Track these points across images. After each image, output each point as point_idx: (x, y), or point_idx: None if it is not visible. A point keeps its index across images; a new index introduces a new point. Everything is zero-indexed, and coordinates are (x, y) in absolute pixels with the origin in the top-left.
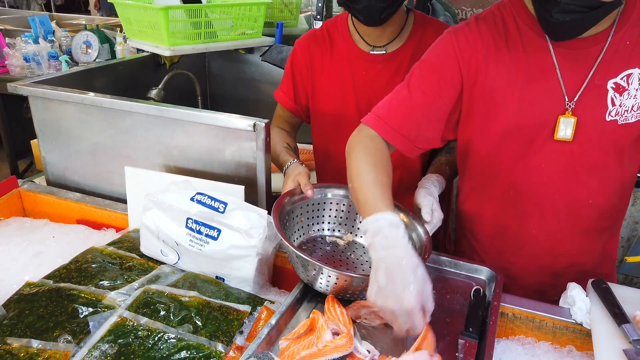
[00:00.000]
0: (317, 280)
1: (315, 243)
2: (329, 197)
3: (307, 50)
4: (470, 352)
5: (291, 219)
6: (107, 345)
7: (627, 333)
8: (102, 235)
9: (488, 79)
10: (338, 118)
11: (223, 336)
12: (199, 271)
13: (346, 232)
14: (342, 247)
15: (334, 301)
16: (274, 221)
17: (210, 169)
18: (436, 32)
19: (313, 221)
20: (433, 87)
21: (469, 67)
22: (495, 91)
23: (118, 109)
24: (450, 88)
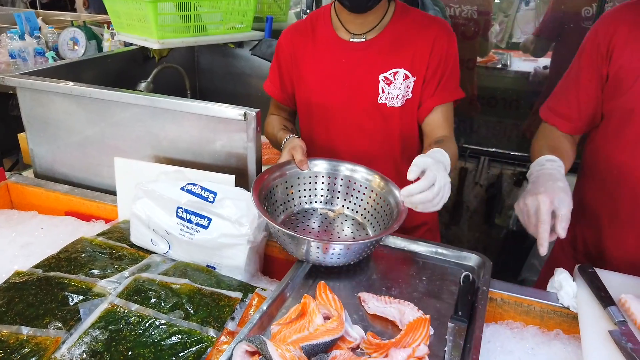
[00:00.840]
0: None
1: (305, 214)
2: (322, 170)
3: (291, 40)
4: (459, 336)
5: (279, 192)
6: (97, 331)
7: (613, 315)
8: (91, 227)
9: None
10: (321, 107)
11: (214, 322)
12: (190, 260)
13: (337, 205)
14: (331, 219)
15: (325, 287)
16: (253, 193)
17: (201, 159)
18: (415, 21)
19: (305, 194)
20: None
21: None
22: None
23: (107, 100)
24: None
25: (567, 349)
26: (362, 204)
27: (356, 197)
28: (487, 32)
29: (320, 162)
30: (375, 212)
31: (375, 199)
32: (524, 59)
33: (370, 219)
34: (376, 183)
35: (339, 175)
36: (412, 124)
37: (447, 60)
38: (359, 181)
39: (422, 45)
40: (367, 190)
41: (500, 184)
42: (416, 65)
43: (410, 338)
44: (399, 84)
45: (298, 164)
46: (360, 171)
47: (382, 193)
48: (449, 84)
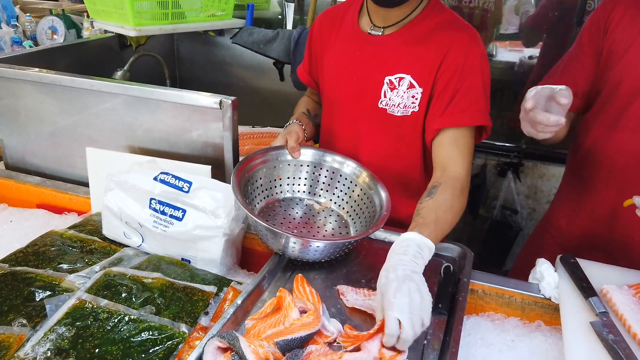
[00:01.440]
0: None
1: (290, 203)
2: (313, 159)
3: (320, 25)
4: (439, 328)
5: (264, 176)
6: (64, 328)
7: (594, 306)
8: (63, 220)
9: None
10: (329, 99)
11: (187, 317)
12: (164, 253)
13: (326, 199)
14: (316, 211)
15: (303, 280)
16: (234, 175)
17: (176, 149)
18: (441, 24)
19: (294, 182)
20: None
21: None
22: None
23: (78, 88)
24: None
25: (548, 341)
26: (349, 201)
27: (343, 192)
28: (471, 21)
29: (313, 151)
30: (360, 211)
31: (361, 196)
32: (510, 49)
33: (354, 216)
34: (363, 180)
35: (325, 166)
36: (413, 142)
37: (462, 75)
38: (345, 175)
39: (434, 53)
40: (352, 185)
41: (484, 174)
42: (424, 74)
43: None
44: (402, 91)
45: (289, 150)
46: (350, 165)
47: (370, 192)
48: (462, 104)
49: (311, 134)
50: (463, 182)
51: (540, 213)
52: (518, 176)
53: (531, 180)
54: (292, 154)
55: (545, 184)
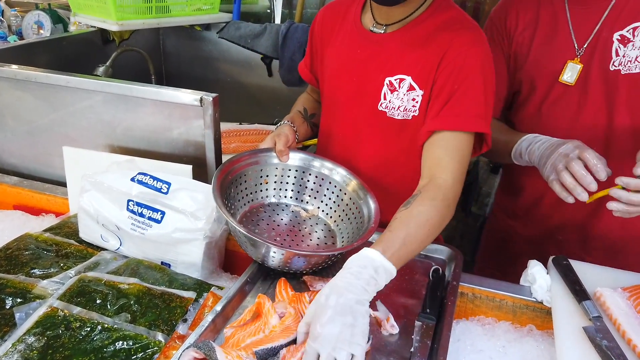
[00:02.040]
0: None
1: (276, 209)
2: (305, 166)
3: (322, 19)
4: (427, 335)
5: (250, 179)
6: (33, 338)
7: (587, 310)
8: (40, 222)
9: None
10: (334, 98)
11: (164, 325)
12: (143, 257)
13: (314, 206)
14: (303, 218)
15: (286, 284)
16: (215, 177)
17: (157, 148)
18: (446, 23)
19: (281, 187)
20: None
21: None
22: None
23: (55, 84)
24: None
25: (540, 347)
26: (337, 209)
27: (332, 199)
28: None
29: (302, 155)
30: (347, 220)
31: (349, 205)
32: None
33: (341, 226)
34: (352, 188)
35: (313, 172)
36: (413, 149)
37: (460, 76)
38: (335, 182)
39: (434, 53)
40: (341, 194)
41: (476, 171)
42: (423, 76)
43: None
44: (402, 93)
45: (277, 154)
46: (339, 173)
47: (359, 202)
48: (458, 107)
49: (304, 135)
50: (447, 191)
51: None
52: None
53: None
54: (280, 157)
55: None
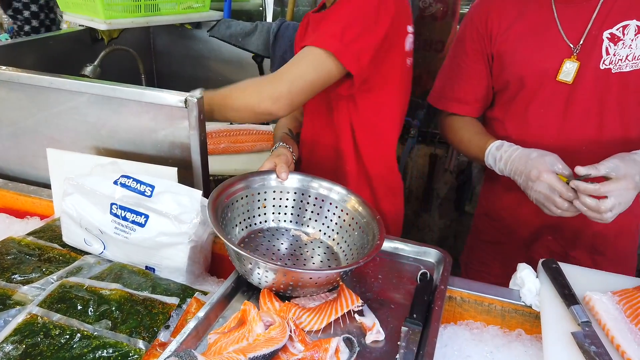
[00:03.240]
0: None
1: (275, 233)
2: (303, 187)
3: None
4: (413, 341)
5: (245, 203)
6: (11, 346)
7: (576, 315)
8: (24, 225)
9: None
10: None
11: (145, 332)
12: (128, 261)
13: (309, 226)
14: (304, 242)
15: (270, 296)
16: (209, 202)
17: (143, 150)
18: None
19: (280, 210)
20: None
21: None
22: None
23: (37, 85)
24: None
25: (529, 352)
26: (339, 231)
27: (333, 221)
28: (456, 13)
29: (298, 176)
30: (350, 239)
31: (351, 224)
32: None
33: (344, 246)
34: (352, 206)
35: (312, 193)
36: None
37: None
38: (335, 202)
39: None
40: (342, 214)
41: (470, 170)
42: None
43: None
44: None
45: (278, 172)
46: (338, 192)
47: (361, 221)
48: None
49: (298, 155)
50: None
51: None
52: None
53: None
54: (279, 175)
55: None
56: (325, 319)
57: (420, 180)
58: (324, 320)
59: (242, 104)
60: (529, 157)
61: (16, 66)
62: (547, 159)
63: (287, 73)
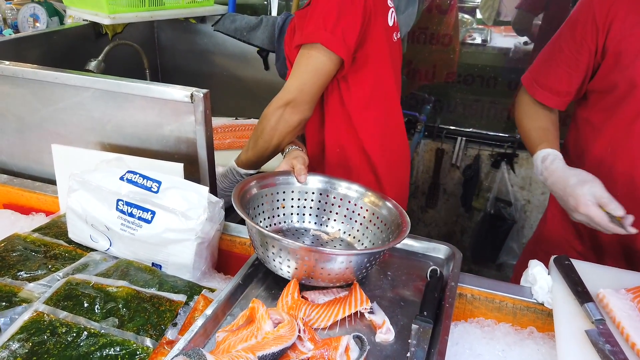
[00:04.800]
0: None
1: (295, 233)
2: (324, 187)
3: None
4: (424, 338)
5: (266, 202)
6: (17, 344)
7: (590, 313)
8: (29, 221)
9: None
10: None
11: (152, 330)
12: (134, 258)
13: (330, 226)
14: (324, 241)
15: (296, 287)
16: (234, 197)
17: (148, 145)
18: None
19: (299, 211)
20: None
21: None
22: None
23: (42, 80)
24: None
25: (541, 350)
26: (360, 228)
27: (352, 218)
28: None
29: (314, 177)
30: (371, 234)
31: (371, 218)
32: (505, 34)
33: (365, 242)
34: (369, 200)
35: (332, 193)
36: None
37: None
38: (351, 199)
39: None
40: (362, 210)
41: (477, 165)
42: None
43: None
44: None
45: (296, 173)
46: (353, 189)
47: (380, 212)
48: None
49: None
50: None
51: (535, 205)
52: (512, 167)
53: (526, 171)
54: (298, 177)
55: None
56: (333, 316)
57: (426, 176)
58: (332, 317)
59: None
60: (567, 183)
61: (20, 61)
62: (586, 189)
63: (293, 91)
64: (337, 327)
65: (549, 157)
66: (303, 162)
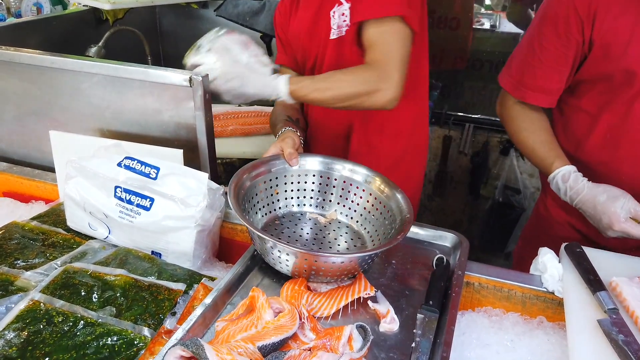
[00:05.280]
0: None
1: (292, 219)
2: (313, 168)
3: None
4: (429, 328)
5: (262, 190)
6: (13, 333)
7: (602, 301)
8: (29, 209)
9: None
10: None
11: (151, 319)
12: (133, 246)
13: (330, 209)
14: (323, 224)
15: (303, 283)
16: (230, 193)
17: (148, 131)
18: None
19: (292, 195)
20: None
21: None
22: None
23: (40, 65)
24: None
25: (551, 340)
26: (357, 209)
27: (352, 200)
28: None
29: (312, 158)
30: (374, 220)
31: (374, 204)
32: None
33: (368, 227)
34: (376, 186)
35: (332, 175)
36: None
37: None
38: (356, 183)
39: None
40: (365, 194)
41: (486, 152)
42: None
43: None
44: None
45: (287, 158)
46: (359, 172)
47: (383, 198)
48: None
49: (304, 138)
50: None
51: None
52: (521, 154)
53: None
54: (289, 161)
55: None
56: (336, 304)
57: (433, 163)
58: (335, 305)
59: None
60: (597, 200)
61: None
62: (618, 205)
63: (392, 67)
64: (340, 317)
65: (570, 175)
66: (292, 144)
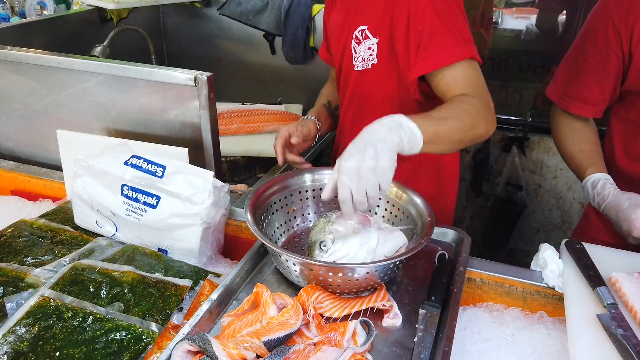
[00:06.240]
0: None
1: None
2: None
3: None
4: (431, 323)
5: (279, 208)
6: (24, 329)
7: (602, 297)
8: (36, 207)
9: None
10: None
11: (158, 314)
12: (140, 243)
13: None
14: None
15: (315, 289)
16: (248, 214)
17: (153, 130)
18: None
19: (309, 210)
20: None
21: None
22: None
23: (47, 65)
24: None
25: (551, 335)
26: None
27: (370, 210)
28: None
29: (329, 171)
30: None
31: (393, 211)
32: (516, 16)
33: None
34: (393, 194)
35: None
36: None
37: (416, 19)
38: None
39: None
40: (381, 202)
41: (487, 149)
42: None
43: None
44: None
45: (276, 154)
46: None
47: (402, 204)
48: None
49: (326, 130)
50: (472, 99)
51: (546, 189)
52: (523, 151)
53: (537, 155)
54: (279, 161)
55: (552, 158)
56: (347, 309)
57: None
58: (345, 310)
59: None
60: (619, 207)
61: (25, 47)
62: (639, 212)
63: (486, 98)
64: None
65: (600, 181)
66: (283, 141)
